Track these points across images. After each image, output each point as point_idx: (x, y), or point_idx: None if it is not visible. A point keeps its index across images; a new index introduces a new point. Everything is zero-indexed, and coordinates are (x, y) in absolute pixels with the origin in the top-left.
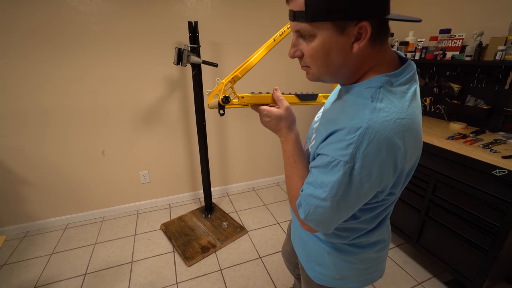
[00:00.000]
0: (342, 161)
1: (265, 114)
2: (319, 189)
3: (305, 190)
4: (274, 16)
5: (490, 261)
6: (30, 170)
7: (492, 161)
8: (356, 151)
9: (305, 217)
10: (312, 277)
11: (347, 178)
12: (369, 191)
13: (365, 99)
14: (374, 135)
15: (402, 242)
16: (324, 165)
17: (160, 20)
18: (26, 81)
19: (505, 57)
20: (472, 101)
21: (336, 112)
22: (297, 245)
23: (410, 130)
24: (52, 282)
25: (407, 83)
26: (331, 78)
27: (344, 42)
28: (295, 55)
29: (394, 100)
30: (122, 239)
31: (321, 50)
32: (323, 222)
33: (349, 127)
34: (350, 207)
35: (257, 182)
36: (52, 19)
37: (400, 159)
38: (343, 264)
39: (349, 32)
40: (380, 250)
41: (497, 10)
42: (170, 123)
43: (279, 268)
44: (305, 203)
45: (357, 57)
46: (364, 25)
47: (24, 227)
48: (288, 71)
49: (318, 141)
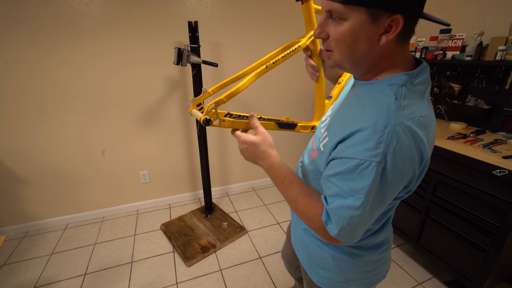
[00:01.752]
0: (374, 161)
1: (241, 140)
2: (350, 198)
3: (332, 203)
4: (274, 16)
5: (490, 261)
6: (30, 170)
7: (493, 161)
8: (387, 149)
9: (339, 231)
10: (315, 281)
11: (379, 180)
12: (397, 189)
13: (388, 96)
14: (403, 132)
15: (402, 242)
16: (349, 170)
17: (160, 20)
18: (25, 81)
19: (506, 57)
20: (472, 101)
21: (353, 109)
22: (298, 249)
23: (430, 128)
24: (52, 282)
25: (424, 83)
26: (351, 67)
27: (374, 32)
28: (321, 36)
29: (415, 99)
30: (122, 239)
31: (349, 36)
32: (357, 232)
33: (375, 125)
34: (381, 209)
35: (257, 182)
36: (52, 19)
37: (425, 154)
38: (348, 267)
39: (380, 22)
40: (384, 251)
41: (497, 10)
42: (170, 123)
43: (279, 268)
44: (336, 217)
45: (381, 50)
46: (397, 18)
47: (24, 227)
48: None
49: (333, 140)
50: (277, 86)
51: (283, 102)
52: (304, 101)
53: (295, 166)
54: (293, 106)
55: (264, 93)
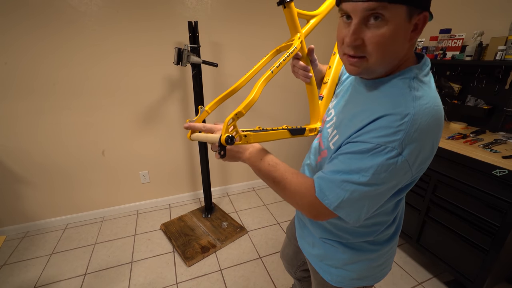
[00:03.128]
0: (389, 147)
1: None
2: (355, 175)
3: (334, 177)
4: (273, 16)
5: (490, 261)
6: (30, 170)
7: (492, 161)
8: (405, 137)
9: (339, 204)
10: (328, 280)
11: (392, 164)
12: (408, 177)
13: (402, 88)
14: (420, 121)
15: (402, 242)
16: (362, 151)
17: (160, 20)
18: (25, 81)
19: (505, 57)
20: (472, 101)
21: (364, 105)
22: (307, 251)
23: (442, 117)
24: (52, 282)
25: (428, 74)
26: (381, 69)
27: (407, 30)
28: (356, 43)
29: (427, 90)
30: (122, 239)
31: (390, 37)
32: (357, 209)
33: (394, 113)
34: (387, 194)
35: (257, 182)
36: (52, 19)
37: (436, 144)
38: (362, 265)
39: (413, 20)
40: (394, 244)
41: (497, 10)
42: (170, 123)
43: (279, 268)
44: (338, 190)
45: (407, 48)
46: (426, 15)
47: (24, 227)
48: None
49: (345, 134)
50: (276, 86)
51: (283, 102)
52: (304, 101)
53: (298, 168)
54: (293, 106)
55: (264, 93)
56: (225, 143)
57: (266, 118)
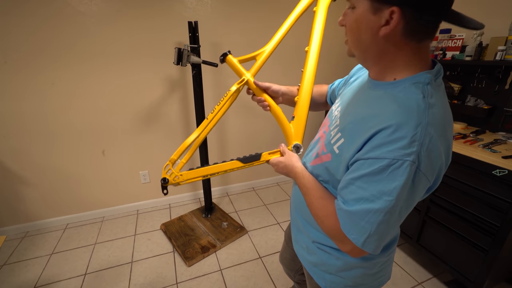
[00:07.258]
0: (408, 160)
1: (274, 162)
2: (377, 202)
3: (356, 206)
4: (274, 15)
5: (490, 261)
6: (30, 170)
7: (492, 161)
8: (420, 148)
9: (366, 239)
10: (322, 286)
11: (411, 180)
12: (425, 190)
13: (416, 94)
14: (434, 131)
15: (402, 242)
16: (379, 171)
17: (160, 20)
18: (25, 81)
19: (505, 57)
20: (472, 101)
21: (372, 109)
22: (302, 255)
23: (452, 125)
24: (52, 282)
25: (442, 82)
26: (360, 56)
27: (374, 22)
28: (341, 23)
29: (439, 97)
30: (122, 239)
31: (355, 24)
32: (383, 239)
33: (406, 123)
34: (408, 212)
35: (257, 182)
36: (52, 18)
37: (450, 152)
38: (357, 272)
39: (381, 14)
40: (391, 252)
41: (497, 10)
42: (170, 123)
43: (279, 268)
44: (363, 223)
45: (386, 43)
46: (394, 10)
47: (24, 227)
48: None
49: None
50: None
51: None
52: None
53: None
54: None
55: None
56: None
57: (267, 117)
